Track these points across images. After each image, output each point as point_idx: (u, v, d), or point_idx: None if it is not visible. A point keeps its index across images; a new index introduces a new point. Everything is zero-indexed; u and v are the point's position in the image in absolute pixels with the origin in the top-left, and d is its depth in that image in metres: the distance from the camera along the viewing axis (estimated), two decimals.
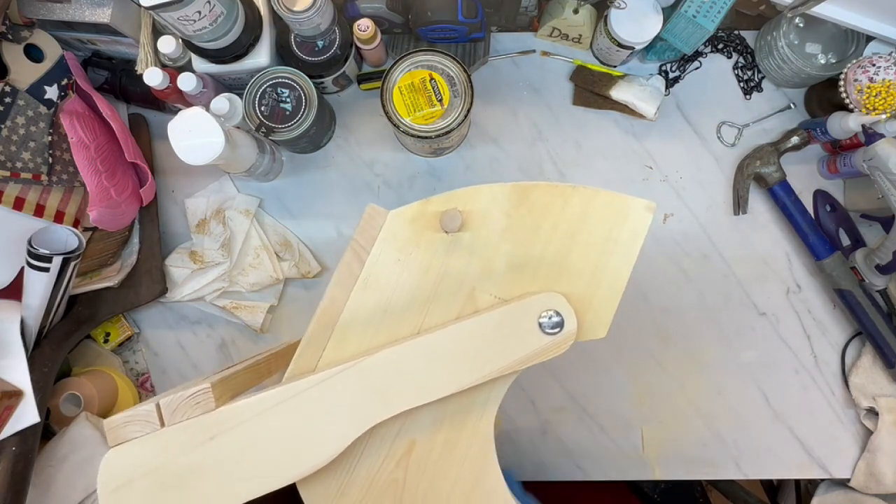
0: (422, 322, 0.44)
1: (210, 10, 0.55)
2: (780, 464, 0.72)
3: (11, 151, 0.60)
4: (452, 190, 0.44)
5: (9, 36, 0.60)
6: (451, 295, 0.44)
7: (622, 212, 0.44)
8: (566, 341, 0.41)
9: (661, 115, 0.74)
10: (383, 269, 0.44)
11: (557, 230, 0.44)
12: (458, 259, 0.44)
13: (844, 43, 0.70)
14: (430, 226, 0.44)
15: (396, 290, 0.44)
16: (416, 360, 0.41)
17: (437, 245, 0.44)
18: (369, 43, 0.68)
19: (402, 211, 0.44)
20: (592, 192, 0.44)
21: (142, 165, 0.68)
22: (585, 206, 0.44)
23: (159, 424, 0.39)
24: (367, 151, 0.76)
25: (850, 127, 0.64)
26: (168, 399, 0.39)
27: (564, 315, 0.41)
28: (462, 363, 0.41)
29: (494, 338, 0.41)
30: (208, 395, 0.39)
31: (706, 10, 0.62)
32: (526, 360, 0.41)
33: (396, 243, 0.44)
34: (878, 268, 0.66)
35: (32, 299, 0.60)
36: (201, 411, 0.39)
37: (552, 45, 0.76)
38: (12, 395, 0.57)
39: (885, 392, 0.70)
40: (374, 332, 0.44)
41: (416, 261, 0.44)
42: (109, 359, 0.74)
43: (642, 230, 0.44)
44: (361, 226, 0.45)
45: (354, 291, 0.44)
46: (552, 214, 0.44)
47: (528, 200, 0.44)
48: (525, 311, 0.42)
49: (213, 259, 0.73)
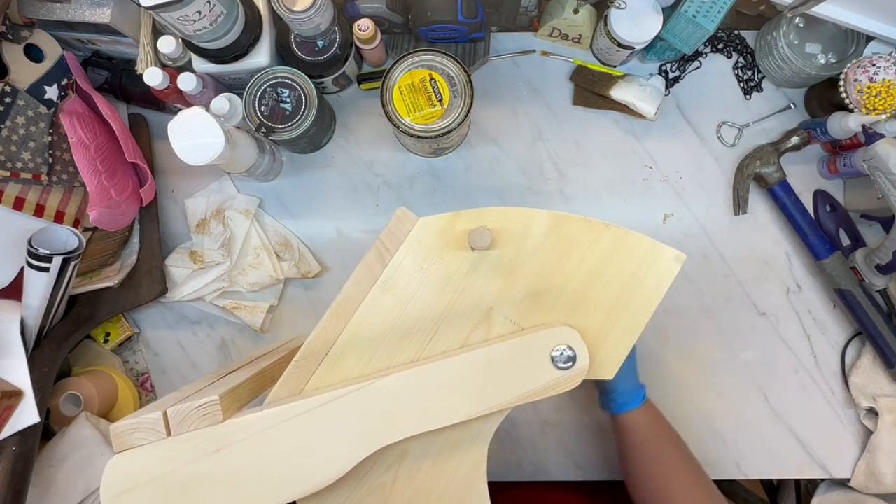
0: (433, 335, 0.44)
1: (210, 10, 0.55)
2: (780, 464, 0.72)
3: (11, 151, 0.60)
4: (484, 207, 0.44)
5: (9, 36, 0.60)
6: (468, 311, 0.44)
7: (650, 257, 0.43)
8: (577, 377, 0.41)
9: (661, 115, 0.74)
10: (404, 275, 0.44)
11: (583, 264, 0.44)
12: (480, 277, 0.44)
13: (844, 43, 0.70)
14: (458, 239, 0.44)
15: (414, 298, 0.44)
16: (427, 386, 0.41)
17: (461, 260, 0.44)
18: (369, 43, 0.68)
19: (432, 220, 0.44)
20: (624, 233, 0.44)
21: (142, 165, 0.68)
22: (615, 246, 0.44)
23: (165, 433, 0.39)
24: (367, 151, 0.76)
25: (850, 127, 0.64)
26: (176, 409, 0.39)
27: (577, 350, 0.41)
28: (473, 391, 0.41)
29: (506, 368, 0.41)
30: (216, 408, 0.39)
31: (706, 10, 0.62)
32: (536, 393, 0.41)
33: (421, 251, 0.44)
34: (878, 268, 0.66)
35: (32, 299, 0.60)
36: (209, 423, 0.39)
37: (552, 45, 0.76)
38: (12, 395, 0.57)
39: (885, 392, 0.70)
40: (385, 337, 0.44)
41: (438, 272, 0.44)
42: (109, 359, 0.74)
43: (667, 280, 0.43)
44: (389, 228, 0.45)
45: (372, 292, 0.44)
46: (581, 248, 0.44)
47: (559, 230, 0.44)
48: (538, 344, 0.41)
49: (213, 259, 0.73)
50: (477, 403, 0.40)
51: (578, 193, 0.75)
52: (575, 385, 0.41)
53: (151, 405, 0.42)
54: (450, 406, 0.40)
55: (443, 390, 0.41)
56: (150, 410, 0.40)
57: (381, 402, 0.40)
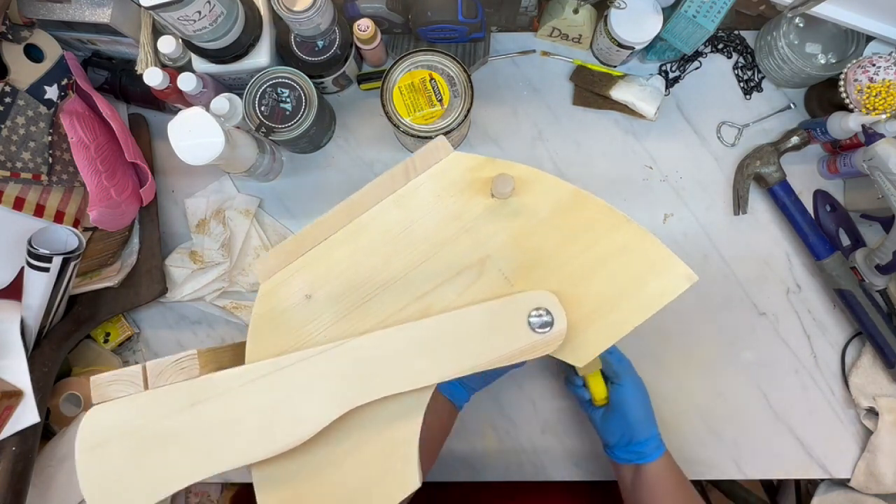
0: (425, 261, 0.44)
1: (210, 10, 0.55)
2: (780, 464, 0.72)
3: (11, 151, 0.60)
4: (519, 162, 0.44)
5: (9, 36, 0.60)
6: (466, 250, 0.44)
7: (661, 265, 0.43)
8: (554, 341, 0.41)
9: (661, 115, 0.74)
10: (420, 196, 0.45)
11: (592, 249, 0.43)
12: (489, 224, 0.44)
13: (844, 43, 0.70)
14: (482, 184, 0.44)
15: (420, 220, 0.45)
16: (401, 346, 0.41)
17: (477, 202, 0.44)
18: (369, 43, 0.68)
19: (464, 156, 0.45)
20: (642, 233, 0.43)
21: (142, 165, 0.68)
22: (630, 241, 0.43)
23: (143, 386, 0.39)
24: (367, 151, 0.76)
25: (850, 127, 0.64)
26: (154, 362, 0.39)
27: (555, 315, 0.41)
28: (448, 353, 0.41)
29: (482, 330, 0.41)
30: (193, 362, 0.39)
31: (706, 10, 0.62)
32: (511, 356, 0.41)
33: (445, 181, 0.45)
34: (878, 268, 0.66)
35: (32, 299, 0.60)
36: (185, 377, 0.39)
37: (552, 45, 0.76)
38: (12, 395, 0.57)
39: (885, 392, 0.70)
40: (381, 247, 0.44)
41: (453, 205, 0.45)
42: (109, 359, 0.74)
43: (671, 294, 0.43)
44: (423, 150, 0.45)
45: (385, 201, 0.45)
46: (595, 232, 0.44)
47: (581, 207, 0.44)
48: (516, 307, 0.41)
49: (213, 259, 0.73)
50: (451, 365, 0.40)
51: None
52: (551, 350, 0.41)
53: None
54: (423, 367, 0.40)
55: (417, 352, 0.41)
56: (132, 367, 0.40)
57: (356, 362, 0.40)
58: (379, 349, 0.41)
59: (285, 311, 0.44)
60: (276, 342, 0.43)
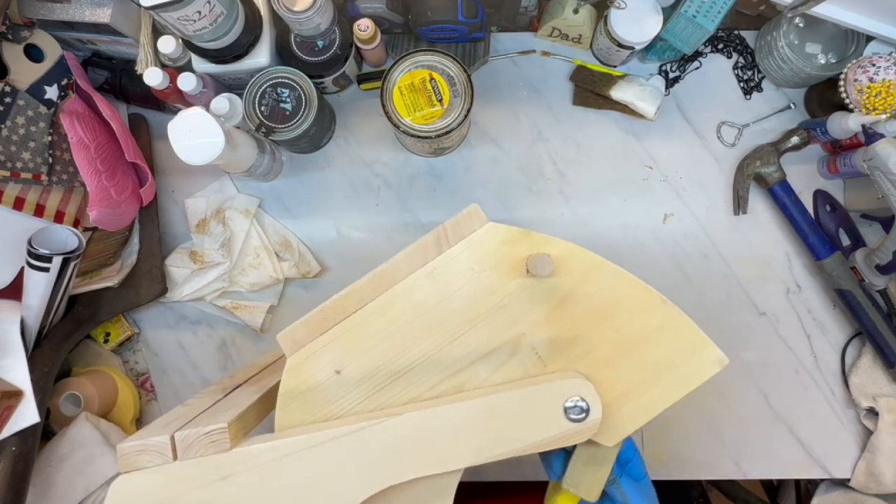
0: (458, 337, 0.43)
1: (210, 10, 0.54)
2: (780, 464, 0.72)
3: (11, 151, 0.60)
4: (555, 238, 0.43)
5: (9, 36, 0.60)
6: (500, 329, 0.43)
7: (693, 349, 0.43)
8: (588, 431, 0.40)
9: (661, 115, 0.74)
10: (454, 269, 0.43)
11: (626, 329, 0.43)
12: (524, 302, 0.43)
13: (844, 43, 0.70)
14: (518, 258, 0.43)
15: (454, 294, 0.43)
16: (437, 428, 0.40)
17: (513, 278, 0.43)
18: (369, 43, 0.68)
19: (501, 228, 0.44)
20: (677, 315, 0.43)
21: (142, 165, 0.68)
22: (664, 323, 0.43)
23: (172, 457, 0.39)
24: (367, 151, 0.76)
25: (850, 127, 0.64)
26: (183, 434, 0.39)
27: (591, 403, 0.40)
28: (483, 437, 0.40)
29: (518, 414, 0.40)
30: (224, 435, 0.39)
31: (706, 10, 0.62)
32: (545, 443, 0.40)
33: (479, 253, 0.43)
34: (878, 268, 0.66)
35: (32, 299, 0.60)
36: (216, 450, 0.39)
37: (552, 45, 0.76)
38: (12, 395, 0.57)
39: (885, 392, 0.70)
40: (414, 320, 0.43)
41: (487, 279, 0.43)
42: (109, 359, 0.74)
43: (701, 378, 0.42)
44: (457, 219, 0.44)
45: (418, 273, 0.43)
46: (630, 312, 0.43)
47: (617, 287, 0.43)
48: (553, 393, 0.40)
49: (213, 259, 0.73)
50: (486, 450, 0.40)
51: (578, 193, 0.75)
52: (583, 439, 0.40)
53: (157, 423, 0.42)
54: (458, 450, 0.40)
55: (453, 434, 0.40)
56: (157, 430, 0.39)
57: (389, 442, 0.40)
58: (413, 430, 0.40)
59: (314, 386, 0.43)
60: (305, 415, 0.43)
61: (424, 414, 0.40)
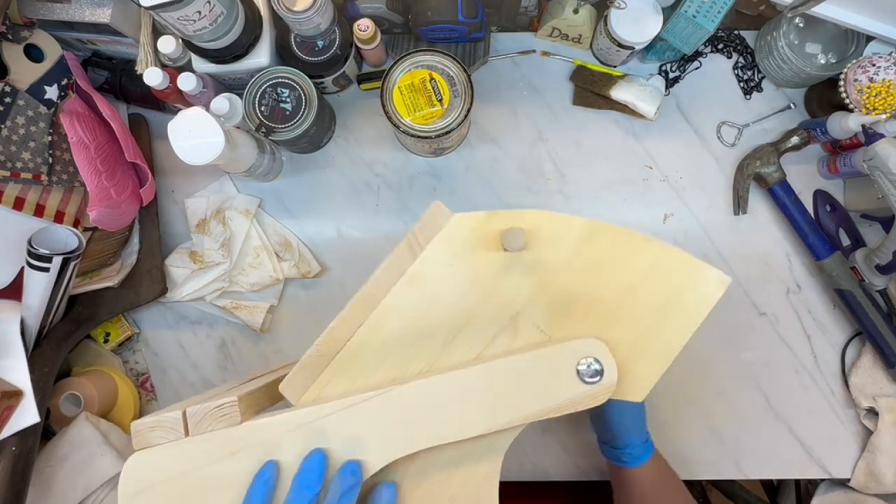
0: (456, 336, 0.42)
1: (210, 10, 0.55)
2: (780, 464, 0.72)
3: (11, 151, 0.60)
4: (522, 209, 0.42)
5: (9, 36, 0.60)
6: (494, 315, 0.42)
7: (691, 277, 0.41)
8: (604, 393, 0.39)
9: (661, 115, 0.74)
10: (433, 270, 0.42)
11: (619, 278, 0.42)
12: (510, 280, 0.42)
13: (844, 43, 0.70)
14: (492, 239, 0.42)
15: (440, 295, 0.42)
16: (447, 396, 0.39)
17: (492, 260, 0.42)
18: (369, 43, 0.68)
19: (466, 216, 0.42)
20: (665, 250, 0.42)
21: (142, 165, 0.68)
22: (655, 262, 0.41)
23: (184, 433, 0.39)
24: (367, 151, 0.76)
25: (850, 127, 0.64)
26: (195, 408, 0.39)
27: (605, 364, 0.39)
28: (493, 405, 0.39)
29: (529, 380, 0.39)
30: (234, 409, 0.39)
31: (706, 10, 0.62)
32: (559, 408, 0.39)
33: (453, 247, 0.42)
34: (878, 268, 0.66)
35: (32, 299, 0.60)
36: (226, 424, 0.39)
37: (552, 45, 0.76)
38: (12, 395, 0.57)
39: (885, 392, 0.70)
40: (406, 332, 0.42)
41: (469, 270, 0.42)
42: (109, 359, 0.74)
43: (708, 304, 0.41)
44: (423, 221, 0.43)
45: (399, 284, 0.42)
46: (618, 260, 0.42)
47: (596, 239, 0.42)
48: (564, 356, 0.39)
49: (213, 259, 0.73)
50: (496, 418, 0.39)
51: (578, 193, 0.75)
52: (601, 402, 0.39)
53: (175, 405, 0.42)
54: (468, 419, 0.39)
55: (462, 402, 0.39)
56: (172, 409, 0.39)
57: (398, 412, 0.39)
58: (424, 398, 0.39)
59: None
60: None
61: (432, 381, 0.39)
